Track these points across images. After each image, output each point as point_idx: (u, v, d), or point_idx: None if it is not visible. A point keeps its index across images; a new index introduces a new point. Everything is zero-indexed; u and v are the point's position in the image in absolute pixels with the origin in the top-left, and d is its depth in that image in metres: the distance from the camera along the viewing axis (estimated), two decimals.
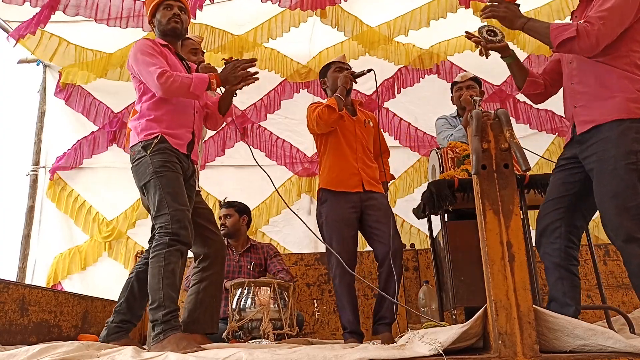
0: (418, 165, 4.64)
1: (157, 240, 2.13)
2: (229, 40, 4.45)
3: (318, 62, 4.79)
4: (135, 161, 2.29)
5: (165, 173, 2.21)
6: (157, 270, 2.07)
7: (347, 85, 2.85)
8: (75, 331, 2.90)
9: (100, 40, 4.35)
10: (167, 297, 2.03)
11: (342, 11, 4.24)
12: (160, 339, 1.96)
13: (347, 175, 2.80)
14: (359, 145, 2.86)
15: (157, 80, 2.19)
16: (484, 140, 1.41)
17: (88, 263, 4.36)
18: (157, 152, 2.24)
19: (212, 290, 2.57)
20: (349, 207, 2.75)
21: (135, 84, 2.40)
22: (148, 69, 2.24)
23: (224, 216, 3.55)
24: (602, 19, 1.88)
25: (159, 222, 2.15)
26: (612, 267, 3.72)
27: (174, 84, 2.21)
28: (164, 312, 2.00)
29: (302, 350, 1.52)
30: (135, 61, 2.31)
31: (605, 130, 1.90)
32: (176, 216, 2.14)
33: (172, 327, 1.99)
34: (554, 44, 1.96)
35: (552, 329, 1.33)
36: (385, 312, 2.65)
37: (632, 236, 1.79)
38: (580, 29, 1.89)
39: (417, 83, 4.82)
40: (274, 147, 4.73)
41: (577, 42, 1.90)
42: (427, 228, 3.23)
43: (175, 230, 2.11)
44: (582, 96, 2.03)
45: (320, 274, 3.88)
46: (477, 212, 1.39)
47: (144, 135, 2.28)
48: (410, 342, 1.48)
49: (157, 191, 2.17)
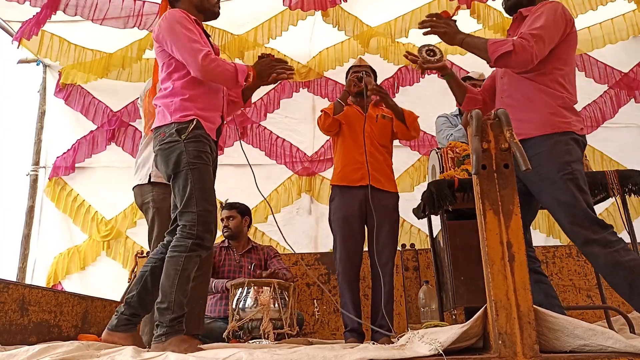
0: (418, 164, 4.64)
1: (178, 240, 2.05)
2: (229, 40, 4.45)
3: (318, 62, 4.80)
4: (166, 144, 2.11)
5: (199, 165, 2.09)
6: (173, 272, 2.01)
7: (351, 89, 2.94)
8: (75, 331, 2.90)
9: (100, 40, 4.35)
10: (177, 303, 1.99)
11: (342, 11, 4.24)
12: (162, 341, 1.95)
13: (350, 169, 2.84)
14: (367, 139, 2.87)
15: (201, 61, 2.05)
16: (484, 140, 1.41)
17: (87, 263, 4.37)
18: (192, 140, 2.09)
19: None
20: (353, 204, 2.79)
21: (164, 58, 2.21)
22: (191, 45, 2.09)
23: (227, 218, 3.54)
24: (535, 37, 2.00)
25: (184, 220, 2.05)
26: None
27: (217, 68, 2.09)
28: (171, 317, 1.97)
29: (302, 350, 1.51)
30: (172, 33, 2.12)
31: (537, 146, 2.01)
32: (203, 217, 2.05)
33: (175, 331, 1.98)
34: (492, 59, 2.05)
35: (552, 329, 1.33)
36: (381, 321, 2.65)
37: (589, 239, 1.89)
38: (517, 44, 1.99)
39: (417, 83, 4.83)
40: (274, 147, 4.73)
41: (514, 57, 2.00)
42: (427, 228, 3.23)
43: (199, 234, 2.03)
44: (510, 110, 2.15)
45: (320, 274, 3.88)
46: (477, 212, 1.39)
47: (178, 116, 2.12)
48: (410, 342, 1.48)
49: (189, 185, 2.06)
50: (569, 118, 2.05)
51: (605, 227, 1.91)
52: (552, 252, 3.82)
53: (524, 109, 2.08)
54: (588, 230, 1.89)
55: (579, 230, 1.91)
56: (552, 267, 3.75)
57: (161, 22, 2.19)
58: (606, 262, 1.88)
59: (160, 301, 2.01)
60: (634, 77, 4.66)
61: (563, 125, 2.03)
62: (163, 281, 2.03)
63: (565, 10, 2.10)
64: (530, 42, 1.99)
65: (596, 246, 1.89)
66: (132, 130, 4.70)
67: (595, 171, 2.75)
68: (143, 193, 2.71)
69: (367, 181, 2.78)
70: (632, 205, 4.11)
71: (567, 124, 2.03)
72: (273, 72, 2.32)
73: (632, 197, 2.64)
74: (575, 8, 4.07)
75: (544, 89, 2.08)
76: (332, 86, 4.81)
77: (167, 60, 2.20)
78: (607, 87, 4.69)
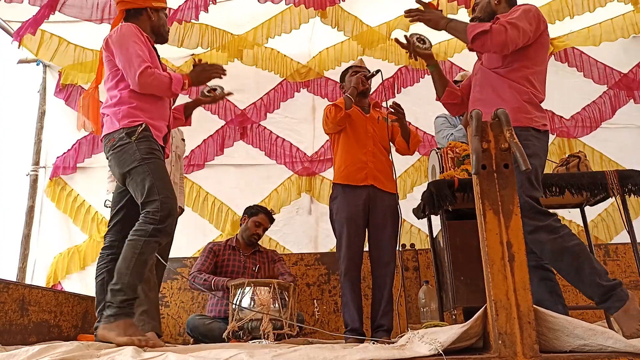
0: (418, 164, 4.64)
1: (140, 225, 2.14)
2: (229, 40, 4.45)
3: (318, 62, 4.80)
4: (117, 147, 2.23)
5: (153, 160, 2.21)
6: (130, 255, 2.09)
7: (359, 87, 2.94)
8: (75, 331, 2.90)
9: (100, 40, 4.33)
10: (130, 285, 2.06)
11: (342, 11, 4.24)
12: (110, 321, 2.00)
13: (354, 169, 2.86)
14: (370, 140, 2.91)
15: (138, 77, 2.19)
16: (484, 140, 1.41)
17: (87, 263, 4.36)
18: (142, 139, 2.22)
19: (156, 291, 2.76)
20: (356, 203, 2.80)
21: (112, 67, 2.33)
22: (133, 59, 2.21)
23: (262, 227, 3.58)
24: (510, 24, 2.10)
25: (149, 207, 2.15)
26: (612, 267, 3.72)
27: (153, 81, 2.22)
28: (122, 298, 2.04)
29: (302, 350, 1.51)
30: (121, 45, 2.26)
31: None
32: (166, 203, 2.15)
33: (125, 314, 2.04)
34: (469, 38, 2.15)
35: (552, 329, 1.33)
36: (382, 320, 2.67)
37: (535, 227, 1.97)
38: (494, 27, 2.13)
39: (417, 83, 4.83)
40: (274, 146, 4.73)
41: (490, 38, 2.10)
42: (427, 228, 3.23)
43: (162, 218, 2.13)
44: (479, 103, 2.24)
45: (320, 274, 3.88)
46: (477, 212, 1.39)
47: (127, 122, 2.24)
48: (410, 342, 1.48)
49: (147, 177, 2.16)
50: (531, 114, 2.13)
51: (548, 215, 1.99)
52: None
53: (491, 102, 2.16)
54: (533, 219, 1.96)
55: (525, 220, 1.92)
56: None
57: (113, 33, 2.33)
58: (552, 248, 1.95)
59: (115, 282, 2.07)
60: (633, 78, 4.66)
61: (524, 120, 2.11)
62: (120, 263, 2.10)
63: (539, 12, 2.21)
64: (506, 27, 2.09)
65: (542, 233, 1.96)
66: None
67: (595, 171, 2.75)
68: None
69: (370, 181, 2.82)
70: (632, 205, 4.12)
71: (529, 119, 2.12)
72: (207, 75, 2.48)
73: (632, 197, 2.64)
74: (573, 9, 4.07)
75: (513, 84, 2.17)
76: (332, 86, 4.81)
77: (114, 69, 2.32)
78: (607, 88, 4.69)
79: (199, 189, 4.61)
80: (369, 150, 2.87)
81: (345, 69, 3.20)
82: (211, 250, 3.46)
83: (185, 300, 3.86)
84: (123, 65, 2.25)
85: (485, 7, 2.37)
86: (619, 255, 3.75)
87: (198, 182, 4.63)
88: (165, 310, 3.83)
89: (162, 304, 3.84)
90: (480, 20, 2.35)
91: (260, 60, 4.69)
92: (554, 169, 3.03)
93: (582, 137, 4.59)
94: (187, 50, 4.56)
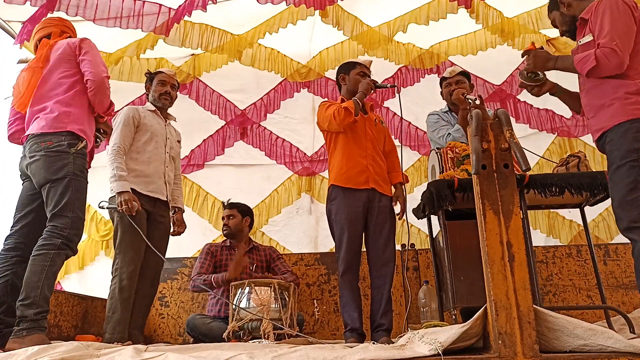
0: (418, 164, 4.64)
1: (46, 240, 2.16)
2: (228, 40, 4.45)
3: (318, 62, 4.79)
4: (54, 152, 2.27)
5: (81, 179, 2.31)
6: (40, 268, 2.10)
7: (368, 93, 2.89)
8: (75, 331, 2.90)
9: (100, 40, 4.33)
10: (43, 297, 2.07)
11: (342, 11, 4.24)
12: (22, 335, 1.99)
13: (355, 172, 2.83)
14: (369, 143, 2.89)
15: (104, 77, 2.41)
16: (484, 140, 1.41)
17: (86, 263, 4.36)
18: (80, 156, 2.32)
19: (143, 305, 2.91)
20: (356, 205, 2.79)
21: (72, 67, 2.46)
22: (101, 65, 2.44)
23: (227, 217, 3.57)
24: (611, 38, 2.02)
25: (57, 222, 2.20)
26: (612, 267, 3.72)
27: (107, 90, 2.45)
28: (36, 311, 2.04)
29: (302, 350, 1.51)
30: (92, 48, 2.47)
31: (612, 134, 2.07)
32: (76, 223, 2.23)
33: (38, 327, 2.04)
34: (583, 75, 2.14)
35: (552, 329, 1.33)
36: (381, 319, 2.68)
37: (631, 226, 1.96)
38: (599, 56, 2.03)
39: (417, 82, 4.82)
40: (274, 147, 4.72)
41: (600, 69, 2.05)
42: (427, 228, 3.23)
43: (70, 237, 2.19)
44: (590, 108, 2.21)
45: (320, 274, 3.88)
46: (477, 212, 1.39)
47: (75, 128, 2.34)
48: (410, 342, 1.48)
49: (68, 192, 2.23)
50: None
51: None
52: (552, 252, 3.81)
53: (600, 105, 2.12)
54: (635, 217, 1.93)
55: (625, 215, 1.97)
56: (552, 267, 3.75)
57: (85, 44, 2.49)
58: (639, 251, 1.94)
59: (25, 297, 2.07)
60: None
61: (636, 112, 2.02)
62: (29, 277, 2.10)
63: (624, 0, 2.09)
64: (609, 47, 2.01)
65: (636, 233, 1.94)
66: None
67: (595, 171, 2.75)
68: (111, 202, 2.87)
69: (370, 184, 2.81)
70: None
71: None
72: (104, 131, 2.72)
73: None
74: None
75: (615, 81, 2.08)
76: (332, 86, 4.80)
77: (74, 69, 2.45)
78: None
79: (199, 189, 4.61)
80: (368, 154, 2.86)
81: (349, 62, 3.11)
82: (208, 252, 3.47)
83: (185, 300, 3.86)
84: (91, 64, 2.40)
85: (563, 20, 2.32)
86: (619, 255, 3.75)
87: (198, 182, 4.63)
88: (165, 310, 3.83)
89: (162, 304, 3.84)
90: (568, 32, 2.32)
91: (260, 61, 4.68)
92: (554, 168, 3.03)
93: (583, 137, 4.59)
94: (187, 50, 4.56)
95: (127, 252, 2.77)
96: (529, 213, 2.83)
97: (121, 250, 2.77)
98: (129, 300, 2.72)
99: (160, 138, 3.09)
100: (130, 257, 2.77)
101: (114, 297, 2.70)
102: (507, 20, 4.37)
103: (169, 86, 3.19)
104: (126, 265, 2.74)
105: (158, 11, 3.90)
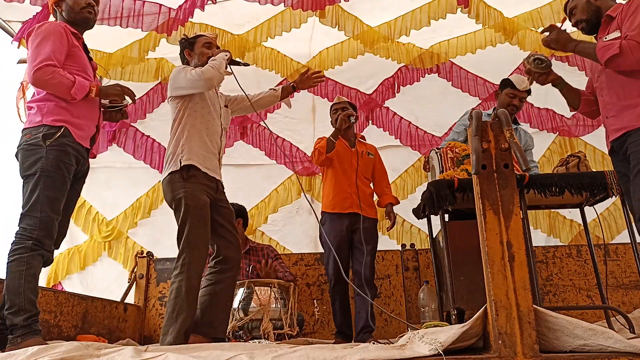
0: (418, 164, 4.63)
1: (17, 244, 2.09)
2: (228, 40, 4.45)
3: (318, 62, 4.79)
4: (29, 146, 2.18)
5: (53, 175, 2.16)
6: (17, 274, 2.03)
7: (342, 127, 3.26)
8: (75, 331, 2.90)
9: (100, 40, 4.35)
10: (28, 301, 2.01)
11: (342, 11, 4.24)
12: (17, 342, 1.93)
13: (341, 198, 3.24)
14: (353, 173, 3.30)
15: (33, 72, 2.14)
16: (484, 140, 1.41)
17: (87, 263, 4.36)
18: (55, 148, 2.17)
19: (228, 293, 2.54)
20: (341, 228, 3.18)
21: None
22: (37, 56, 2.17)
23: None
24: None
25: (25, 224, 2.12)
26: (612, 267, 3.72)
27: (51, 80, 2.16)
28: (25, 317, 1.98)
29: (302, 350, 1.51)
30: (32, 42, 2.22)
31: (636, 135, 2.06)
32: (45, 222, 2.11)
33: (33, 332, 1.99)
34: (602, 62, 2.09)
35: (552, 329, 1.33)
36: (365, 323, 2.99)
37: None
38: (623, 47, 2.02)
39: (417, 82, 4.82)
40: (274, 146, 4.72)
41: (622, 59, 2.02)
42: (427, 228, 3.23)
43: (39, 237, 2.10)
44: (612, 107, 2.18)
45: (320, 274, 3.88)
46: (477, 212, 1.39)
47: (50, 120, 2.20)
48: (410, 342, 1.48)
49: (37, 190, 2.13)
50: None
51: None
52: (552, 252, 3.82)
53: (625, 104, 2.10)
54: None
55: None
56: (552, 267, 3.76)
57: (36, 29, 2.27)
58: None
59: (10, 305, 2.01)
60: None
61: None
62: (9, 285, 2.04)
63: None
64: (636, 41, 1.99)
65: None
66: (133, 131, 4.69)
67: (595, 171, 2.75)
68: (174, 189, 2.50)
69: (354, 209, 3.21)
70: None
71: None
72: (116, 92, 2.42)
73: None
74: None
75: None
76: (332, 86, 4.80)
77: None
78: None
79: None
80: (352, 182, 3.27)
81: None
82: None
83: None
84: (29, 59, 2.21)
85: (588, 8, 2.26)
86: (619, 255, 3.75)
87: None
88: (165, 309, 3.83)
89: (162, 304, 3.84)
90: (586, 22, 2.27)
91: (260, 60, 4.68)
92: (554, 168, 3.03)
93: (583, 136, 4.59)
94: None
95: (197, 247, 2.41)
96: (529, 213, 2.83)
97: (189, 244, 2.40)
98: (196, 302, 2.41)
99: (214, 109, 2.71)
100: (200, 253, 2.42)
101: (180, 296, 2.34)
102: (508, 20, 4.37)
103: (214, 48, 2.81)
104: (195, 262, 2.38)
105: (158, 11, 3.90)
